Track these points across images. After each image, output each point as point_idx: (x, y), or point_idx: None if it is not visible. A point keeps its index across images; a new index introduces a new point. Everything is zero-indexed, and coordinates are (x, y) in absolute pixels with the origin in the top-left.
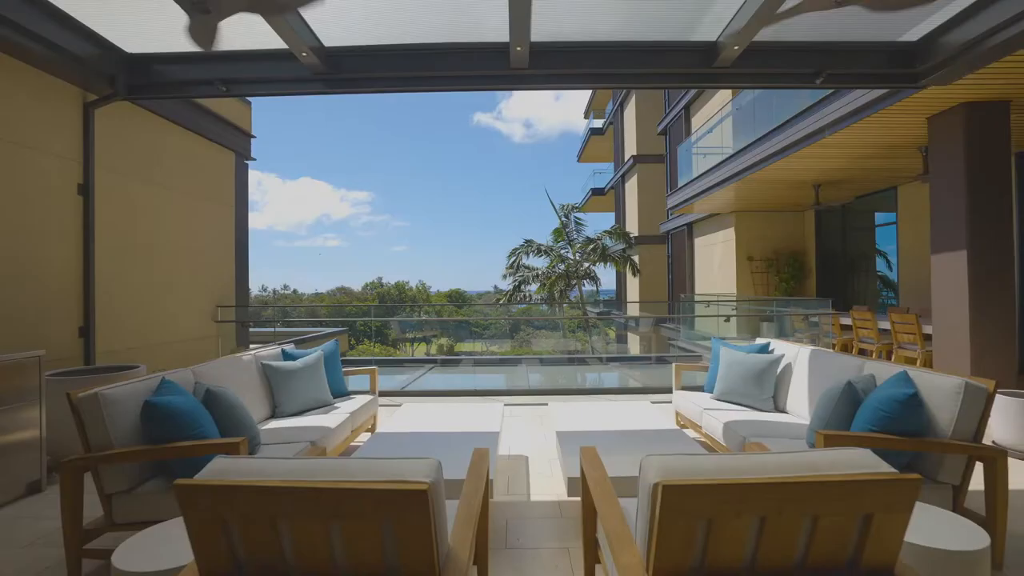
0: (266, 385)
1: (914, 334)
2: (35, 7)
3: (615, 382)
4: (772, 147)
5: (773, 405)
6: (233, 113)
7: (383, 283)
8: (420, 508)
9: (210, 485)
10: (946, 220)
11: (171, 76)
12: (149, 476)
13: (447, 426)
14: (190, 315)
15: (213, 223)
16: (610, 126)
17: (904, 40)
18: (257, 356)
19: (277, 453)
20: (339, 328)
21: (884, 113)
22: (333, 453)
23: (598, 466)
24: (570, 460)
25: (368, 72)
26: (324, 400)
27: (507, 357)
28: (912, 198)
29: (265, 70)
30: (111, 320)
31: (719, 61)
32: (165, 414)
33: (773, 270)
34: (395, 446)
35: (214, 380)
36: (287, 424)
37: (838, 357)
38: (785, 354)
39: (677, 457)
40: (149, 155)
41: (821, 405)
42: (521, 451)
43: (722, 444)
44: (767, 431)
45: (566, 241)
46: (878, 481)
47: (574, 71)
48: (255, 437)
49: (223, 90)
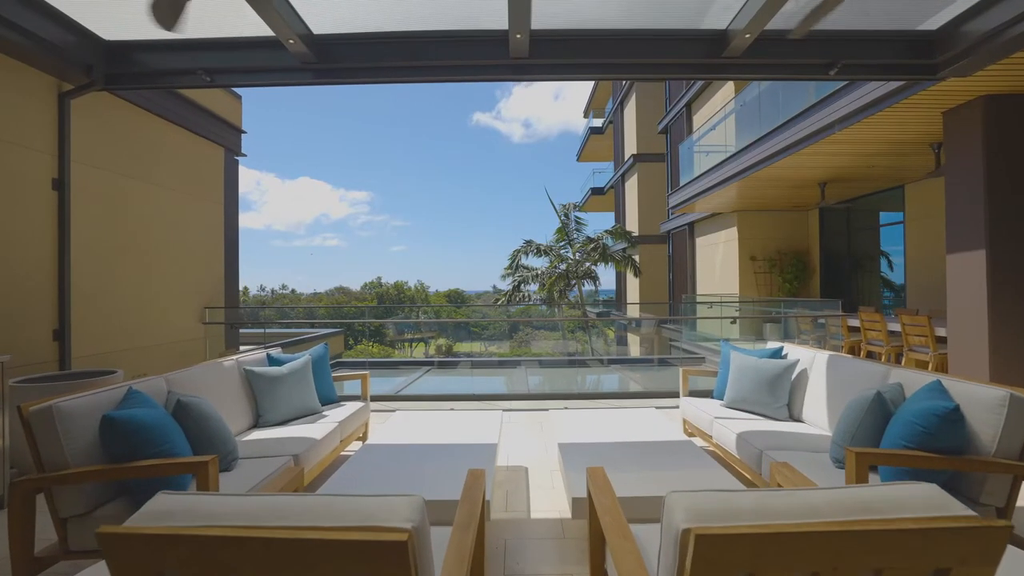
0: (249, 392)
1: (926, 336)
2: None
3: (616, 384)
4: (778, 144)
5: (788, 414)
6: (223, 107)
7: (382, 283)
8: (399, 561)
9: (141, 534)
10: (963, 219)
11: (151, 65)
12: (110, 498)
13: (442, 436)
14: (177, 316)
15: (201, 221)
16: (610, 125)
17: (923, 29)
18: (240, 361)
19: (255, 469)
20: (335, 329)
21: (897, 107)
22: (319, 467)
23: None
24: (574, 477)
25: (359, 62)
26: (311, 408)
27: (506, 359)
28: (920, 196)
29: (251, 59)
30: (90, 322)
31: (728, 51)
32: (128, 429)
33: (776, 270)
34: (385, 459)
35: (189, 389)
36: (270, 435)
37: (860, 363)
38: (800, 359)
39: (708, 495)
40: (132, 149)
41: (846, 417)
42: (521, 460)
43: (735, 456)
44: (784, 443)
45: (566, 241)
46: (958, 528)
47: (576, 61)
48: (231, 452)
49: (207, 80)
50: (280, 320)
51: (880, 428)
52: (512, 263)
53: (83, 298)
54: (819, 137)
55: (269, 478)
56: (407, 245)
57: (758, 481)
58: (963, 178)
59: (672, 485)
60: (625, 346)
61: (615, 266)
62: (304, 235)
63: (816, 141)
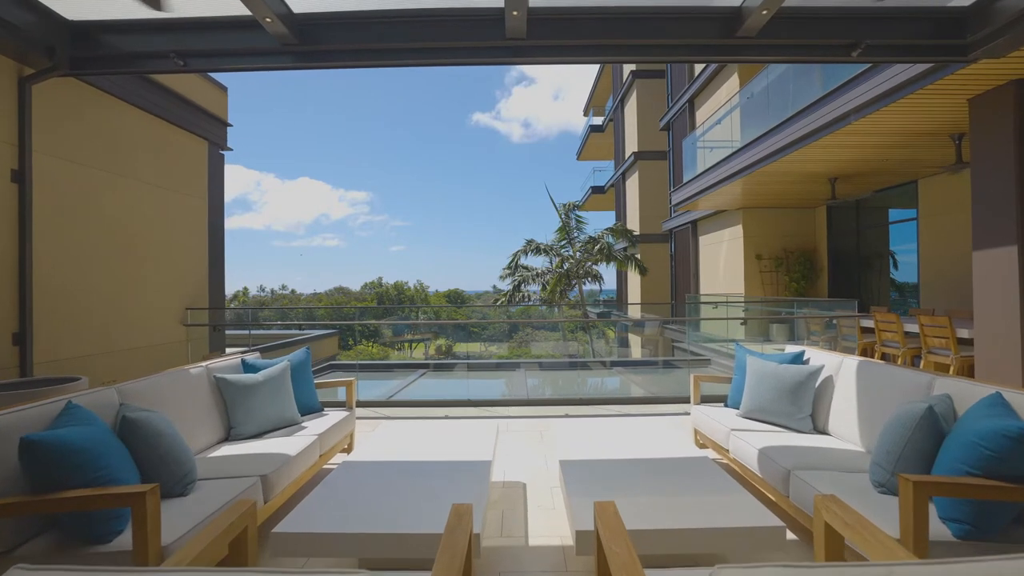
0: (220, 403)
1: (947, 338)
2: None
3: (619, 387)
4: (788, 137)
5: (812, 425)
6: (206, 98)
7: (382, 283)
8: None
9: None
10: (991, 212)
11: (120, 47)
12: (35, 533)
13: (432, 450)
14: (156, 318)
15: (183, 217)
16: (610, 122)
17: (954, 6)
18: (210, 368)
19: (213, 493)
20: (329, 331)
21: (919, 95)
22: (294, 486)
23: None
24: (579, 505)
25: (344, 43)
26: (289, 419)
27: (504, 361)
28: (934, 192)
29: (227, 41)
30: (56, 325)
31: (743, 30)
32: (52, 454)
33: (782, 269)
34: (364, 480)
35: (147, 401)
36: (240, 450)
37: (898, 371)
38: (824, 365)
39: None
40: (106, 141)
41: (891, 435)
42: (519, 475)
43: (756, 473)
44: (813, 460)
45: (567, 240)
46: None
47: (578, 42)
48: (187, 474)
49: (180, 64)
50: (278, 321)
51: (931, 449)
52: (512, 263)
53: (48, 299)
54: (833, 128)
55: (223, 509)
56: (407, 245)
57: (784, 504)
58: (992, 170)
59: (692, 514)
60: (627, 348)
61: (616, 265)
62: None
63: (829, 132)
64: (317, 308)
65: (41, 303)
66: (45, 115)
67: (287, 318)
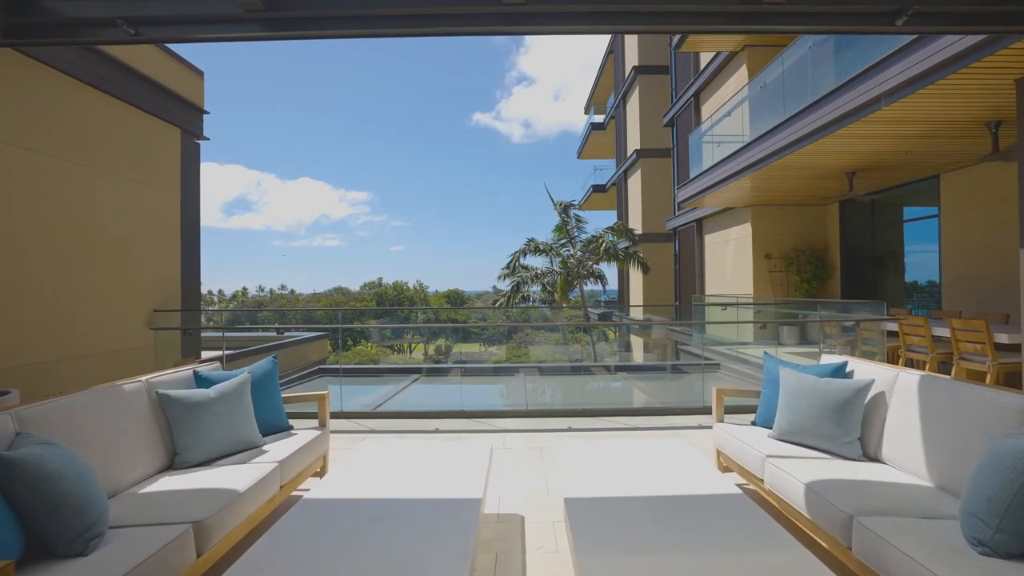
0: (163, 424)
1: (983, 343)
2: None
3: (621, 392)
4: (806, 127)
5: (861, 451)
6: (178, 82)
7: (382, 283)
8: None
9: None
10: None
11: (61, 13)
12: None
13: (415, 477)
14: (116, 321)
15: (151, 211)
16: (611, 120)
17: None
18: (150, 383)
19: (125, 550)
20: (319, 333)
21: (963, 74)
22: (242, 529)
23: None
24: (589, 569)
25: (319, 9)
26: (247, 441)
27: (502, 365)
28: (958, 187)
29: (183, 7)
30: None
31: None
32: None
33: (793, 269)
34: (320, 531)
35: (55, 428)
36: (178, 484)
37: (977, 389)
38: (874, 380)
39: None
40: (60, 126)
41: (990, 478)
42: (515, 505)
43: (801, 513)
44: (879, 503)
45: (567, 239)
46: None
47: (581, 8)
48: (92, 525)
49: (130, 33)
50: (275, 324)
51: None
52: (511, 264)
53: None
54: (859, 116)
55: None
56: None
57: (844, 557)
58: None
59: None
60: (628, 351)
61: (618, 264)
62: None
63: (855, 120)
64: (315, 309)
65: None
66: None
67: (286, 318)
